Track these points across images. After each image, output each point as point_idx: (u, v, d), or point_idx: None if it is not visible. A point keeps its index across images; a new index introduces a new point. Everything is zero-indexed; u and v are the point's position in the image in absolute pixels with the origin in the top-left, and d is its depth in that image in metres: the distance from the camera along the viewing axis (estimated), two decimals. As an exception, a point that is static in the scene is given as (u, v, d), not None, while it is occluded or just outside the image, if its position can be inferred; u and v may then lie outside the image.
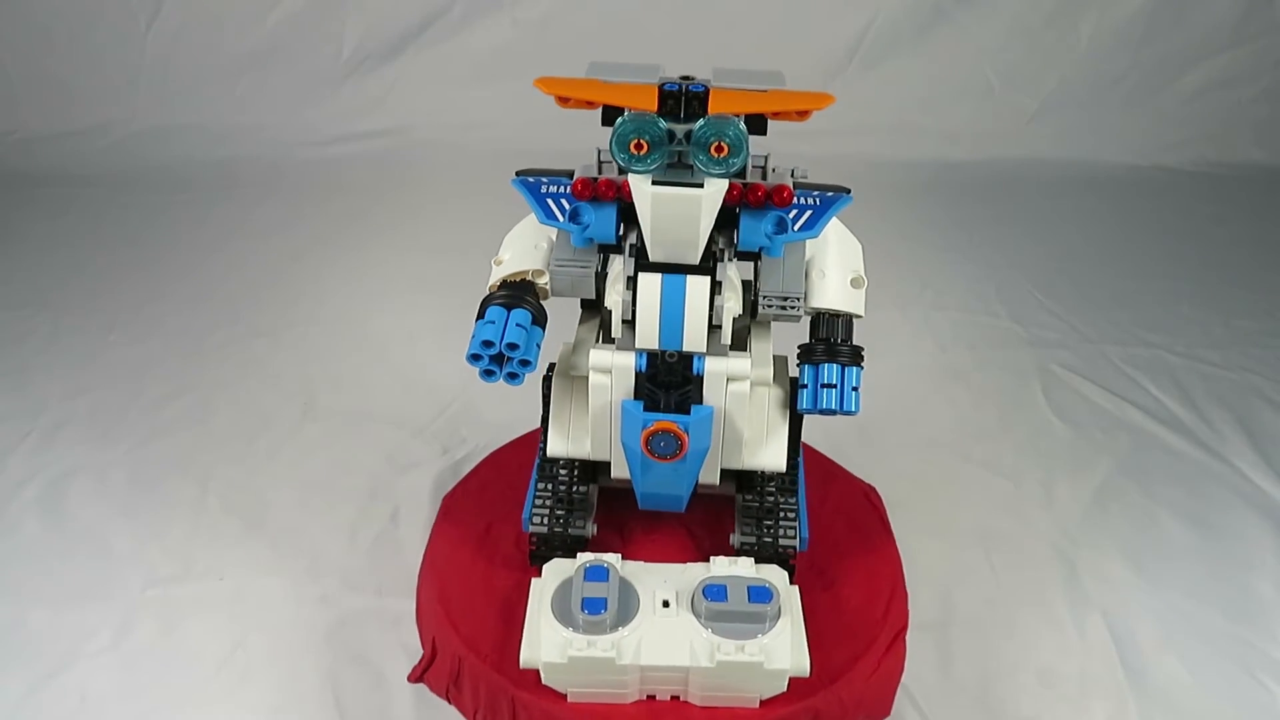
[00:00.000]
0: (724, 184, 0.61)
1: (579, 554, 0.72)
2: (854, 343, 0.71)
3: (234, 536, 0.99)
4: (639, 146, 0.60)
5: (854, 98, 1.86)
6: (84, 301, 1.39)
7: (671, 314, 0.66)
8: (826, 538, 0.83)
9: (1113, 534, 1.03)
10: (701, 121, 0.60)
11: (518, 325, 0.67)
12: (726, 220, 0.66)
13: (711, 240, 0.66)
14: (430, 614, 0.80)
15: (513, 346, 0.67)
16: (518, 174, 0.72)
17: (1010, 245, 1.62)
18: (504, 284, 0.72)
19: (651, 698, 0.68)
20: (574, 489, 0.79)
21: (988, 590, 0.96)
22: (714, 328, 0.67)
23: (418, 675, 0.79)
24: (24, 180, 1.73)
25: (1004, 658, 0.89)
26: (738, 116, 0.61)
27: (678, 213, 0.62)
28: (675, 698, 0.68)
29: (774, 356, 0.75)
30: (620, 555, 0.73)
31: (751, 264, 0.71)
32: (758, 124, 0.64)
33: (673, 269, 0.66)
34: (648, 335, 0.67)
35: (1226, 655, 0.90)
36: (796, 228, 0.66)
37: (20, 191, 1.70)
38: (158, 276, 1.46)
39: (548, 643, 0.66)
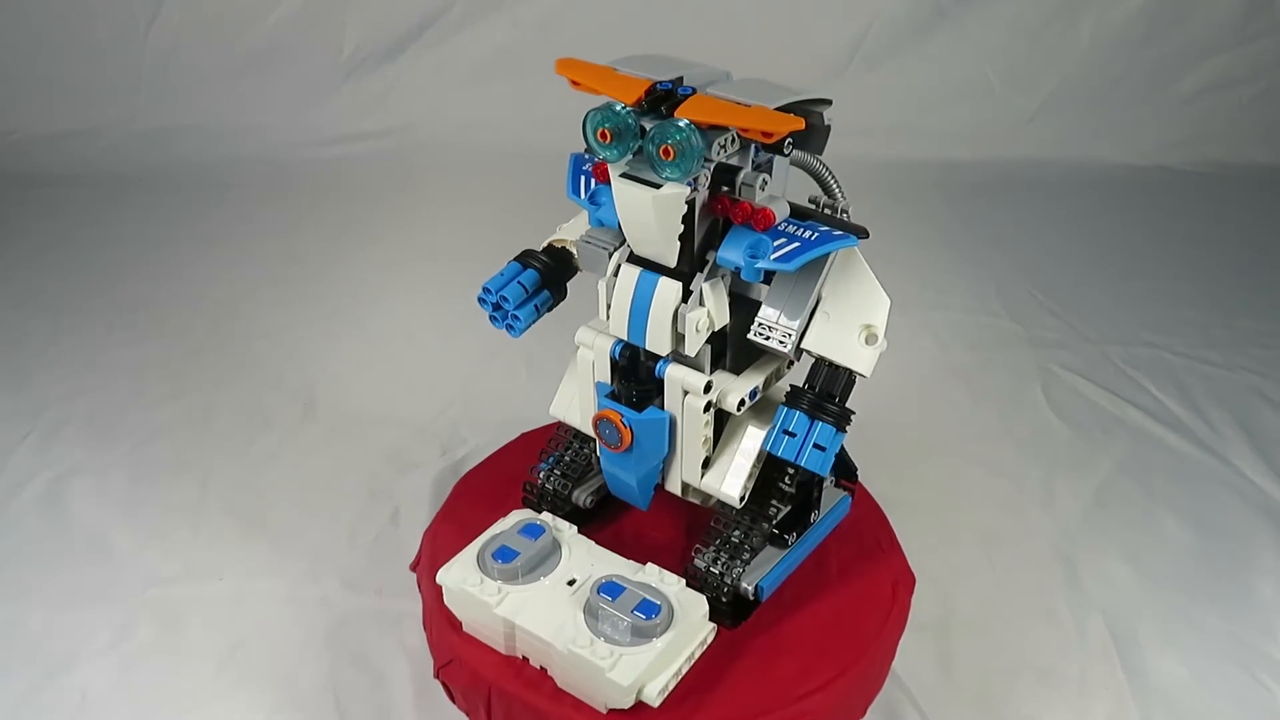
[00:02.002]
0: (683, 189, 0.60)
1: (543, 513, 0.76)
2: (846, 404, 0.66)
3: (234, 537, 1.00)
4: (603, 135, 0.60)
5: (854, 98, 1.86)
6: (84, 301, 1.39)
7: (639, 309, 0.67)
8: (814, 596, 0.77)
9: (1113, 534, 1.03)
10: (659, 122, 0.60)
11: (519, 283, 0.71)
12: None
13: (705, 250, 0.66)
14: (436, 521, 0.84)
15: (505, 299, 0.71)
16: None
17: (1010, 245, 1.62)
18: (548, 247, 0.75)
19: (526, 660, 0.70)
20: (578, 457, 0.81)
21: (988, 590, 0.96)
22: (683, 335, 0.66)
23: (413, 566, 0.82)
24: (24, 180, 1.73)
25: (1004, 658, 0.89)
26: (691, 123, 0.59)
27: (635, 207, 0.62)
28: (544, 670, 0.69)
29: (772, 387, 0.72)
30: (575, 527, 0.75)
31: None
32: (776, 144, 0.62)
33: (656, 268, 0.66)
34: (619, 324, 0.68)
35: (1226, 655, 0.90)
36: (773, 256, 0.62)
37: (20, 191, 1.70)
38: (158, 276, 1.46)
39: (454, 570, 0.71)
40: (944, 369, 1.30)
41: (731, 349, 0.70)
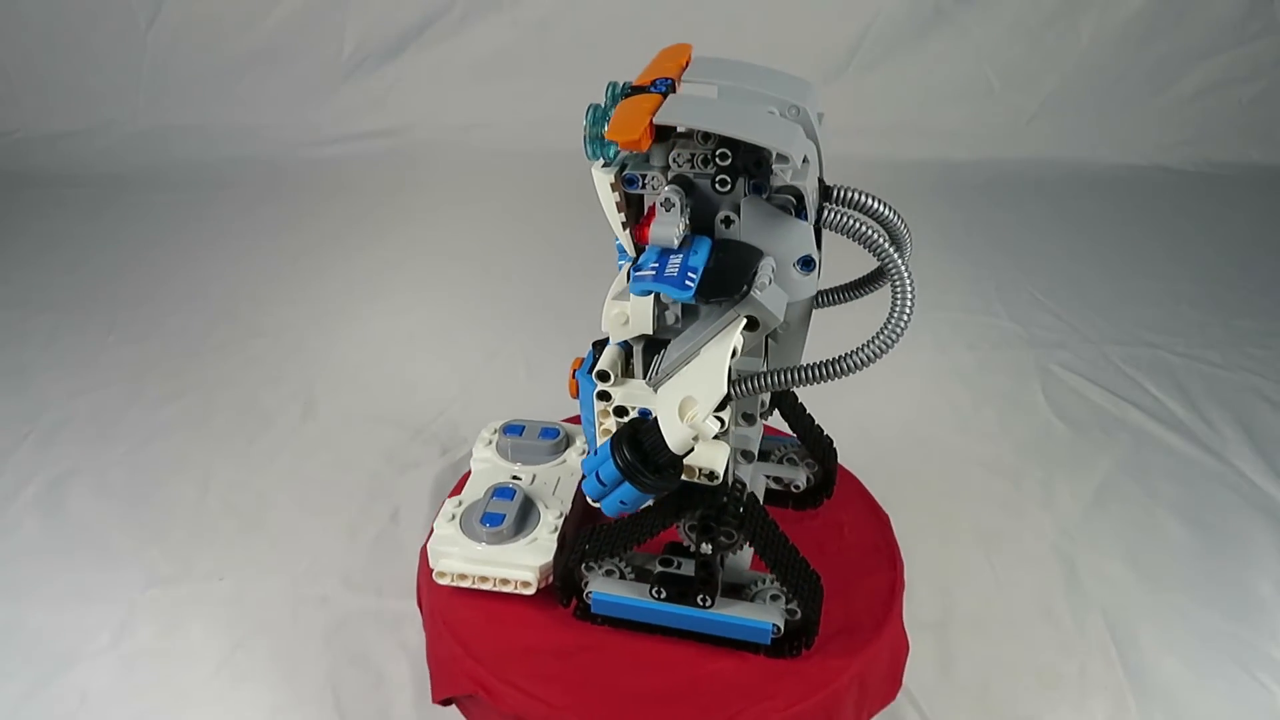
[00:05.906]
0: (603, 174, 0.59)
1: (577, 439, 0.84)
2: (665, 472, 0.59)
3: (234, 536, 1.00)
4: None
5: (854, 98, 1.86)
6: (84, 301, 1.39)
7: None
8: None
9: (1113, 534, 1.03)
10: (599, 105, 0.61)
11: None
12: None
13: None
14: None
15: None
16: None
17: (1010, 245, 1.62)
18: None
19: None
20: None
21: (988, 590, 0.96)
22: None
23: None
24: (24, 180, 1.74)
25: (1004, 658, 0.89)
26: (599, 113, 0.60)
27: None
28: None
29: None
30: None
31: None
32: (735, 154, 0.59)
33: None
34: None
35: (1226, 655, 0.90)
36: (640, 272, 0.57)
37: (20, 191, 1.70)
38: (157, 276, 1.46)
39: (491, 425, 0.85)
40: (944, 369, 1.30)
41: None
